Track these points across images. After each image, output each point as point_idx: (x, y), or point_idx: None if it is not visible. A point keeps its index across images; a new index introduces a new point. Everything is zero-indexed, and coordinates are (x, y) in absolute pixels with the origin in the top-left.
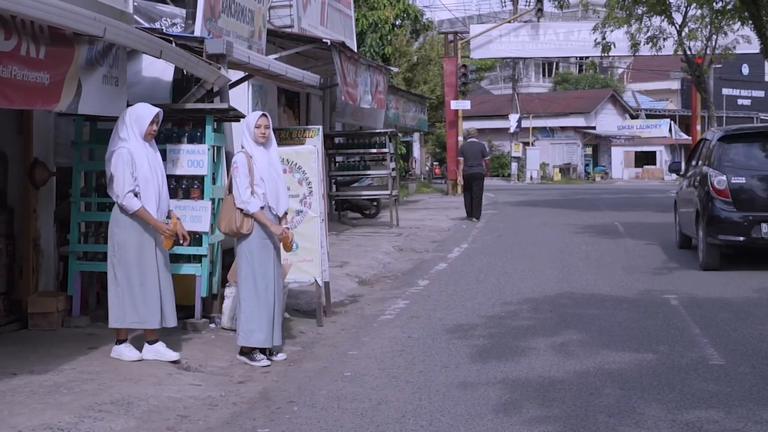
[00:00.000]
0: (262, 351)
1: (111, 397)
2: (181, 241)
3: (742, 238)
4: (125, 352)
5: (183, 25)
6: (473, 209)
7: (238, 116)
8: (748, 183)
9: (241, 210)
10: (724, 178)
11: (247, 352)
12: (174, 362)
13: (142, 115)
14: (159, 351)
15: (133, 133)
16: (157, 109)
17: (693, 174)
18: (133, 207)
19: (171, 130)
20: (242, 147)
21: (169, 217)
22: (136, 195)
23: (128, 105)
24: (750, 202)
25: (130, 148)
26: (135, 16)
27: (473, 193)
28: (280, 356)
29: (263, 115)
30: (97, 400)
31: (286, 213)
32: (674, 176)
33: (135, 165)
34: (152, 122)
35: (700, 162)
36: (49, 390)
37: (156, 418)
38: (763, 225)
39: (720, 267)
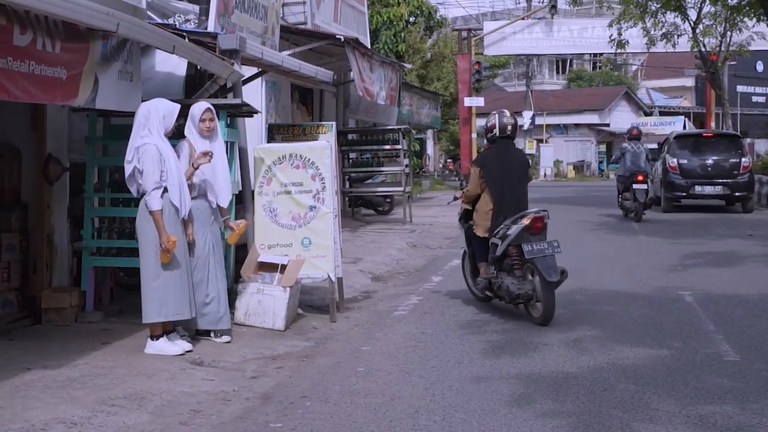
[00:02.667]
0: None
1: (124, 391)
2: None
3: (684, 194)
4: (168, 347)
5: (196, 21)
6: None
7: (251, 111)
8: (688, 163)
9: None
10: (675, 159)
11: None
12: (181, 355)
13: (169, 113)
14: (163, 347)
15: (157, 129)
16: (179, 105)
17: (660, 159)
18: (154, 206)
19: (184, 126)
20: (185, 136)
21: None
22: (162, 194)
23: (142, 100)
24: (689, 173)
25: (157, 145)
26: (149, 12)
27: None
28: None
29: (208, 108)
30: (111, 395)
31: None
32: None
33: (163, 162)
34: (178, 118)
35: (664, 151)
36: (62, 385)
37: (169, 412)
38: (696, 186)
39: (672, 211)
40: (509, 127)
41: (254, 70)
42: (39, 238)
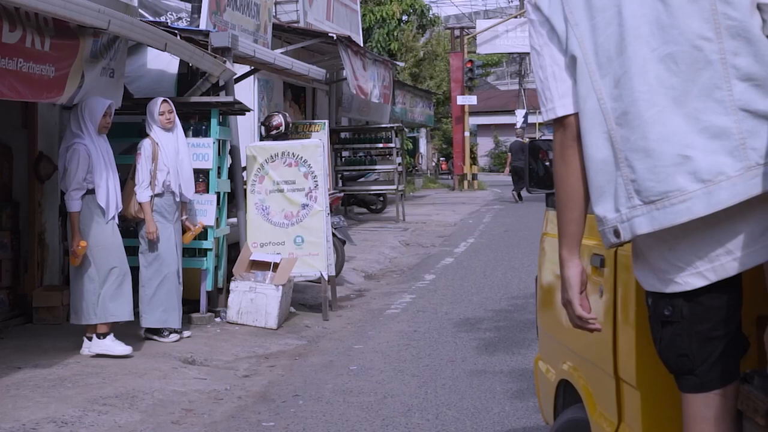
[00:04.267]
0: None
1: (115, 390)
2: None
3: None
4: (115, 346)
5: (188, 19)
6: (518, 193)
7: (243, 110)
8: None
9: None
10: None
11: (156, 331)
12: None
13: (94, 110)
14: (108, 345)
15: (86, 128)
16: (109, 101)
17: None
18: (73, 208)
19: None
20: (148, 133)
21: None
22: (83, 197)
23: (133, 98)
24: None
25: (87, 145)
26: (140, 10)
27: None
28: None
29: (165, 100)
30: (102, 394)
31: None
32: None
33: (92, 163)
34: (105, 115)
35: None
36: (53, 383)
37: (161, 411)
38: None
39: None
40: (290, 125)
41: (246, 68)
42: (30, 237)
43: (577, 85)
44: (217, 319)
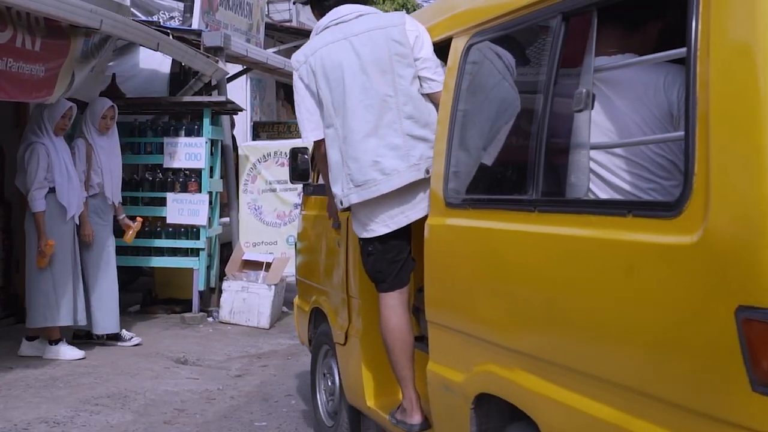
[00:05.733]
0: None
1: (108, 390)
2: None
3: None
4: (68, 351)
5: (181, 19)
6: None
7: (235, 109)
8: None
9: None
10: None
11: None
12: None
13: (53, 110)
14: (60, 350)
15: (45, 129)
16: (69, 104)
17: None
18: (37, 207)
19: (168, 123)
20: (82, 133)
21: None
22: (46, 195)
23: (126, 97)
24: None
25: (46, 144)
26: (133, 10)
27: None
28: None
29: (112, 106)
30: (94, 394)
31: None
32: None
33: (51, 163)
34: (64, 117)
35: None
36: (45, 384)
37: (153, 411)
38: None
39: None
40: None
41: (239, 68)
42: (22, 237)
43: (324, 121)
44: (210, 319)
